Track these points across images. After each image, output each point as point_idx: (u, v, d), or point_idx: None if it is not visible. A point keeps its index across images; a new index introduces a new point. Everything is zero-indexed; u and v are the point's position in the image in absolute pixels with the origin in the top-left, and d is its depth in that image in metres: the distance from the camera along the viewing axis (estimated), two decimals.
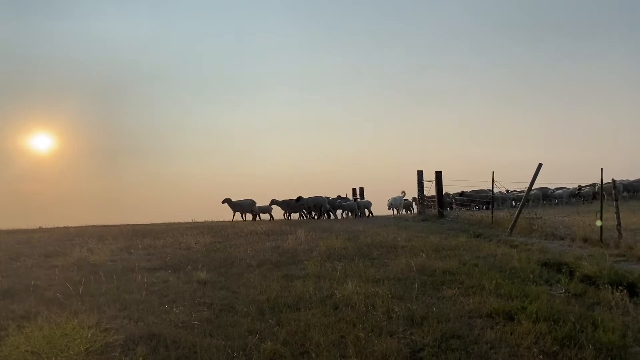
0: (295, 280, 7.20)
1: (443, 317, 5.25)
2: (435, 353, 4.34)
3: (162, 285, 7.14)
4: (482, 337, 4.71)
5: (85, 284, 6.96)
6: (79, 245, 11.14)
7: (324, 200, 23.19)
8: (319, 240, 11.16)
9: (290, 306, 5.85)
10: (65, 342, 4.14)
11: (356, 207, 23.32)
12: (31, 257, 10.15)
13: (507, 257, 8.60)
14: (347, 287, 6.39)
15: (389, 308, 5.56)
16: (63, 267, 8.60)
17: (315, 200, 23.13)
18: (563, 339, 4.56)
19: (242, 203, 22.66)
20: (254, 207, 22.84)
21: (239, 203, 22.59)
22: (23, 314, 5.53)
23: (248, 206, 22.73)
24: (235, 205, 22.47)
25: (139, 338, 4.77)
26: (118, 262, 9.26)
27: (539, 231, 12.21)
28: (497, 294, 6.13)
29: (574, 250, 9.40)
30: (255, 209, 22.88)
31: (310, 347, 4.49)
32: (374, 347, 4.40)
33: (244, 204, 22.70)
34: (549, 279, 7.10)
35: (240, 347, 4.55)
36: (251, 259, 9.14)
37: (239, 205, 22.56)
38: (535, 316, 5.12)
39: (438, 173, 20.27)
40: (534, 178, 12.46)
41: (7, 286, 7.10)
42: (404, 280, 7.02)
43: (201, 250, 10.62)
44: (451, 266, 7.81)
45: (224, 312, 5.71)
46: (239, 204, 22.58)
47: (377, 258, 9.01)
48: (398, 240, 11.20)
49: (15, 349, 4.09)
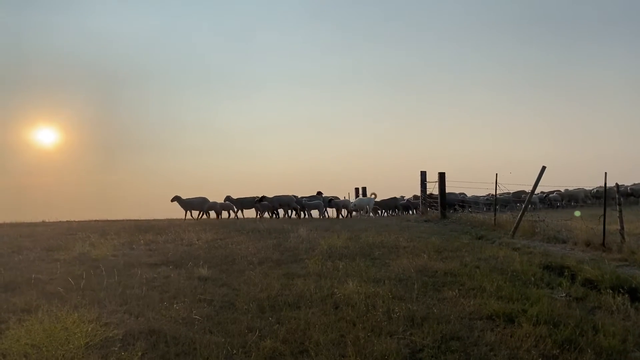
0: (296, 278, 7.20)
1: (443, 318, 5.24)
2: (434, 354, 4.34)
3: (163, 281, 7.15)
4: (482, 339, 4.71)
5: (87, 278, 6.98)
6: (81, 240, 11.17)
7: (291, 199, 22.79)
8: (320, 239, 11.16)
9: (290, 304, 5.86)
10: (65, 335, 4.16)
11: (322, 206, 22.82)
12: (33, 250, 10.19)
13: (509, 260, 8.58)
14: (348, 287, 6.39)
15: (390, 308, 5.56)
16: (65, 261, 8.62)
17: (280, 200, 22.75)
18: (563, 343, 4.55)
19: (192, 201, 21.87)
20: (205, 205, 21.95)
21: (190, 201, 21.74)
22: (24, 307, 5.55)
23: (199, 204, 21.86)
24: (185, 203, 21.67)
25: (139, 333, 4.78)
26: (120, 257, 9.28)
27: (541, 234, 12.18)
28: (498, 296, 6.12)
29: (576, 254, 9.37)
30: (207, 207, 21.97)
31: (310, 345, 4.49)
32: (374, 347, 4.39)
33: (195, 202, 21.91)
34: (550, 282, 7.08)
35: (240, 344, 4.55)
36: (252, 256, 9.15)
37: (190, 203, 21.78)
38: (535, 319, 5.11)
39: (441, 174, 20.23)
40: (537, 181, 12.42)
41: (8, 279, 7.12)
42: (405, 281, 7.01)
43: (203, 247, 10.63)
44: (452, 267, 7.80)
45: (224, 309, 5.72)
46: (190, 202, 21.73)
47: (378, 258, 9.01)
48: (400, 240, 11.19)
49: (16, 341, 4.10)
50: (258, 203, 22.33)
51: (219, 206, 22.45)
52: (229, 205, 22.74)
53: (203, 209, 21.89)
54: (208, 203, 22.07)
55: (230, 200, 22.82)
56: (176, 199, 21.44)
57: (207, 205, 21.98)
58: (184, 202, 21.58)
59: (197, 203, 21.82)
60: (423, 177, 21.99)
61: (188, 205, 21.59)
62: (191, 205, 21.67)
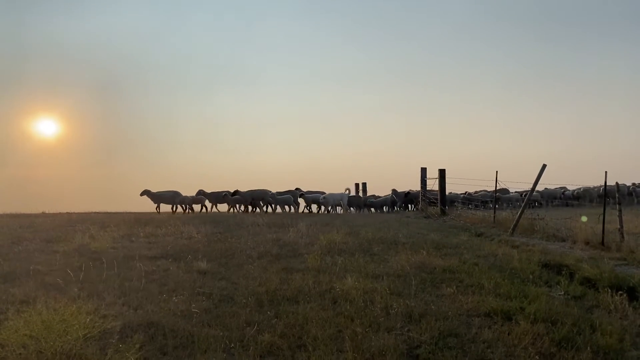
0: (294, 273, 7.21)
1: (441, 314, 5.25)
2: (432, 350, 4.34)
3: (162, 274, 7.16)
4: (480, 336, 4.71)
5: (86, 270, 6.99)
6: (81, 232, 11.18)
7: (265, 193, 22.87)
8: (320, 234, 11.15)
9: (289, 299, 5.86)
10: (63, 327, 4.16)
11: (291, 200, 22.84)
12: (33, 241, 10.19)
13: (508, 257, 8.59)
14: (347, 282, 6.40)
15: (388, 304, 5.56)
16: (64, 253, 8.63)
17: (253, 194, 22.83)
18: (561, 341, 4.56)
19: (163, 195, 21.58)
20: (177, 198, 21.64)
21: (160, 195, 21.55)
22: (23, 298, 5.56)
23: (170, 198, 21.60)
24: (155, 197, 21.37)
25: (137, 326, 4.79)
26: (119, 249, 9.28)
27: (540, 232, 12.19)
28: (496, 293, 6.13)
29: (575, 253, 9.37)
30: (179, 200, 21.66)
31: (308, 340, 4.50)
32: (371, 343, 4.40)
33: (166, 195, 21.60)
34: (548, 280, 7.09)
35: (237, 337, 4.56)
36: (252, 250, 9.16)
37: (160, 197, 21.47)
38: (533, 317, 5.12)
39: (441, 170, 20.23)
40: (537, 179, 12.43)
41: (7, 270, 7.13)
42: (404, 277, 7.02)
43: (202, 240, 10.64)
44: (451, 264, 7.80)
45: (223, 303, 5.73)
46: (160, 195, 21.44)
47: (377, 254, 9.01)
48: (399, 236, 11.19)
49: (14, 332, 4.11)
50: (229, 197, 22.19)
51: (190, 200, 22.19)
52: (201, 199, 22.53)
53: (175, 202, 21.53)
54: (180, 197, 21.75)
55: (202, 194, 22.60)
56: (145, 192, 21.13)
57: (179, 198, 21.65)
58: (154, 196, 21.29)
59: (168, 197, 21.48)
60: (423, 174, 22.00)
61: (158, 199, 21.27)
62: (162, 199, 21.32)
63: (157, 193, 21.45)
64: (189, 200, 22.12)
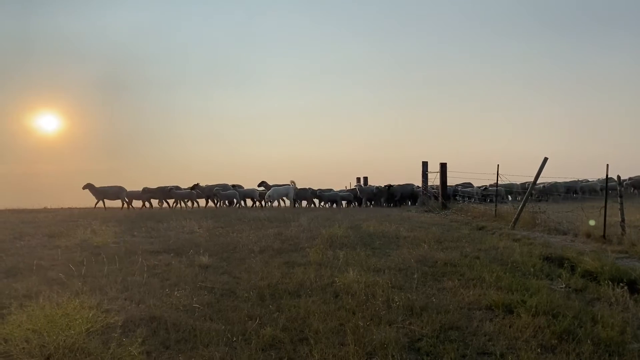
0: (296, 267, 7.22)
1: (442, 308, 5.26)
2: (433, 343, 4.35)
3: (164, 268, 7.18)
4: (481, 329, 4.73)
5: (88, 265, 7.01)
6: (83, 227, 11.20)
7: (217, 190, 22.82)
8: (321, 228, 11.17)
9: (290, 293, 5.88)
10: (66, 321, 4.18)
11: (237, 196, 22.78)
12: (35, 237, 10.23)
13: (509, 251, 8.60)
14: (348, 276, 6.41)
15: (389, 297, 5.58)
16: (66, 248, 8.66)
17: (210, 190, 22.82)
18: (562, 334, 4.56)
19: (107, 190, 20.63)
20: (121, 194, 20.94)
21: (104, 190, 20.54)
22: (25, 293, 5.59)
23: (115, 194, 20.79)
24: (98, 191, 20.38)
25: (140, 320, 4.81)
26: (121, 244, 9.31)
27: (542, 225, 12.19)
28: (498, 286, 6.14)
29: (577, 246, 9.38)
30: (123, 195, 21.01)
31: (310, 333, 4.51)
32: (373, 336, 4.42)
33: (110, 190, 20.70)
34: (550, 273, 7.10)
35: (240, 331, 4.58)
36: (253, 244, 9.17)
37: (104, 192, 20.53)
38: (534, 310, 5.12)
39: (443, 164, 20.22)
40: (538, 172, 12.41)
41: (10, 265, 7.16)
42: (405, 271, 7.03)
43: (204, 235, 10.66)
44: (452, 258, 7.81)
45: (224, 297, 5.75)
46: (104, 190, 20.54)
47: (378, 248, 9.03)
48: (400, 230, 11.20)
49: (17, 327, 4.13)
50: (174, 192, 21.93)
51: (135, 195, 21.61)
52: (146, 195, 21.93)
53: (120, 197, 20.89)
54: (125, 192, 21.10)
55: (148, 191, 21.97)
56: (88, 186, 20.28)
57: (124, 194, 21.03)
58: (96, 191, 20.39)
59: (112, 192, 20.75)
60: (425, 168, 21.98)
61: (101, 194, 20.44)
62: (105, 194, 20.53)
63: (101, 188, 20.52)
64: (134, 196, 21.55)
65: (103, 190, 20.47)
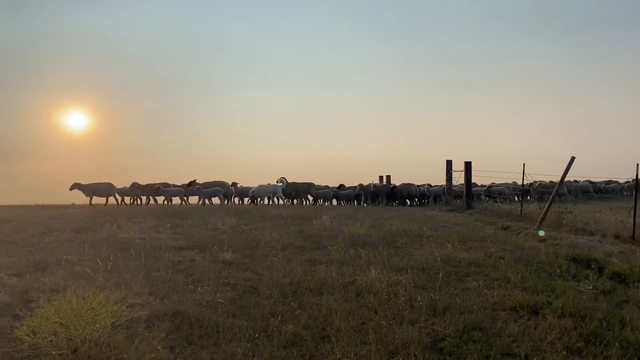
0: (318, 265, 7.22)
1: (466, 308, 5.20)
2: (456, 344, 4.31)
3: (188, 264, 7.25)
4: (505, 330, 4.66)
5: (113, 260, 7.12)
6: (109, 223, 11.40)
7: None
8: (343, 226, 11.15)
9: (312, 290, 5.88)
10: (92, 315, 4.25)
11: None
12: (63, 232, 10.45)
13: (535, 251, 8.46)
14: (370, 275, 6.38)
15: (412, 297, 5.54)
16: (93, 243, 8.81)
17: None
18: (589, 336, 4.47)
19: (96, 186, 20.71)
20: (111, 191, 21.07)
21: (93, 187, 20.63)
22: (53, 287, 5.70)
23: (105, 191, 20.84)
24: (87, 189, 20.43)
25: (164, 315, 4.87)
26: (146, 240, 9.44)
27: (568, 226, 11.96)
28: (523, 287, 6.04)
29: (605, 247, 9.18)
30: (113, 192, 21.14)
31: (331, 331, 4.51)
32: (395, 335, 4.39)
33: (99, 187, 20.76)
34: (576, 274, 6.96)
35: (262, 328, 4.60)
36: (276, 242, 9.21)
37: (93, 189, 20.56)
38: (560, 311, 5.03)
39: (467, 163, 19.98)
40: (565, 171, 12.18)
41: (39, 259, 7.32)
42: (428, 270, 6.97)
43: (227, 232, 10.74)
44: (476, 258, 7.72)
45: (247, 293, 5.78)
46: (93, 187, 20.62)
47: (401, 247, 8.97)
48: (423, 229, 11.12)
49: (45, 320, 4.21)
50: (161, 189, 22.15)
51: (125, 192, 21.91)
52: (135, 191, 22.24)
53: (110, 194, 21.01)
54: (114, 189, 21.27)
55: (137, 187, 22.27)
56: (76, 186, 20.39)
57: (113, 190, 21.20)
58: (85, 188, 20.47)
59: (101, 189, 20.81)
60: (449, 167, 21.73)
61: (91, 191, 20.49)
62: (94, 191, 20.56)
63: (90, 185, 20.65)
64: (123, 193, 21.81)
65: (92, 187, 20.56)
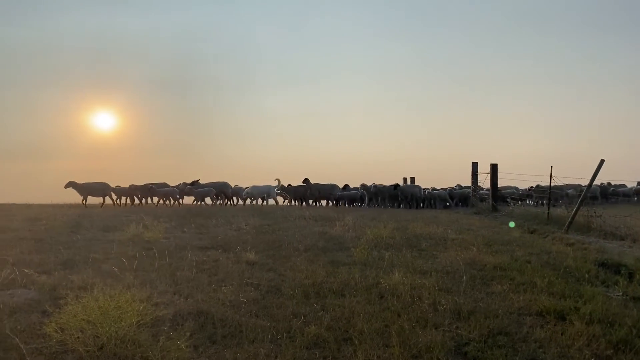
0: (341, 266, 7.21)
1: (491, 312, 5.13)
2: (481, 348, 4.25)
3: (212, 264, 7.32)
4: (531, 335, 4.58)
5: (139, 259, 7.22)
6: (135, 222, 11.54)
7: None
8: (366, 228, 11.11)
9: (335, 292, 5.87)
10: (118, 313, 4.31)
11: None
12: (90, 230, 10.66)
13: (562, 255, 8.30)
14: (394, 277, 6.34)
15: (436, 300, 5.48)
16: (119, 242, 8.96)
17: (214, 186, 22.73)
18: (618, 343, 4.36)
19: (91, 186, 20.46)
20: (108, 190, 20.99)
21: (88, 186, 20.36)
22: (81, 285, 5.81)
23: (100, 190, 20.69)
24: (82, 188, 20.16)
25: (188, 314, 4.92)
26: (171, 239, 9.56)
27: (597, 230, 11.70)
28: (549, 292, 5.93)
29: (635, 252, 8.95)
30: (108, 192, 21.03)
31: (354, 334, 4.49)
32: (418, 339, 4.35)
33: (94, 187, 20.55)
34: (605, 280, 6.80)
35: (284, 329, 4.61)
36: (298, 243, 9.22)
37: (88, 188, 20.32)
38: (589, 317, 4.92)
39: (494, 165, 19.70)
40: (595, 174, 11.93)
41: (67, 257, 7.47)
42: (452, 274, 6.90)
43: (251, 232, 10.81)
44: (502, 261, 7.61)
45: (270, 294, 5.80)
46: (88, 187, 20.37)
47: (425, 249, 8.89)
48: (448, 232, 11.01)
49: (73, 317, 4.29)
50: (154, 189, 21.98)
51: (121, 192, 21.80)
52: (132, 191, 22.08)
53: (106, 194, 20.96)
54: (110, 188, 21.21)
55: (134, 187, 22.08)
56: (71, 184, 20.17)
57: (109, 190, 21.12)
58: (80, 188, 20.21)
59: (97, 189, 20.71)
60: (474, 168, 21.46)
61: (86, 191, 20.27)
62: (89, 191, 20.42)
63: (85, 185, 20.41)
64: (119, 192, 21.75)
65: (87, 187, 20.51)
